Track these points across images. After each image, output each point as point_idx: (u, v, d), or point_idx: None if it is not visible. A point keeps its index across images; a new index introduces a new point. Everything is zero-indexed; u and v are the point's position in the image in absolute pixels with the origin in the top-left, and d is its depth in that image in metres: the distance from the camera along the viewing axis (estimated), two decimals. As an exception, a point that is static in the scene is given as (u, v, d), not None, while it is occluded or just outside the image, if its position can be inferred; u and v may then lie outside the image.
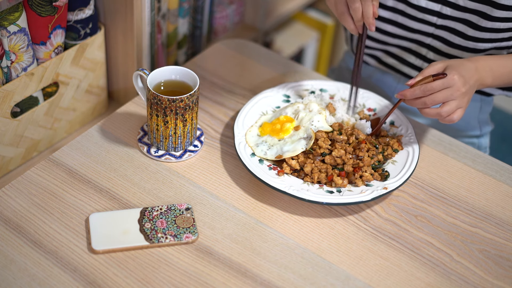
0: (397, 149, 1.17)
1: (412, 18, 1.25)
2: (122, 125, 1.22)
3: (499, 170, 1.20)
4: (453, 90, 1.07)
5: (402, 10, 1.25)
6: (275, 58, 1.42)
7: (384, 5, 1.27)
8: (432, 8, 1.22)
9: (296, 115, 1.20)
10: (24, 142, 1.23)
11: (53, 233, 1.02)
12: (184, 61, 1.58)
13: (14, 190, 1.08)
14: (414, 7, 1.23)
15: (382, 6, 1.27)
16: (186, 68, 1.15)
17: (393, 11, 1.26)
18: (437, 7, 1.21)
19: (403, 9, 1.25)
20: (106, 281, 0.96)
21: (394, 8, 1.26)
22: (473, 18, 1.19)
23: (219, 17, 1.65)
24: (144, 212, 1.05)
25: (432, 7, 1.22)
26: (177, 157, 1.16)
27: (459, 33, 1.23)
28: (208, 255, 1.01)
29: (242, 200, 1.11)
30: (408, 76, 1.36)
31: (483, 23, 1.18)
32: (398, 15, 1.26)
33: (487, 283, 1.02)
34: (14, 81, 1.15)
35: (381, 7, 1.27)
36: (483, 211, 1.13)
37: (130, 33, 1.29)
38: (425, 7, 1.22)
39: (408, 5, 1.24)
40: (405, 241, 1.07)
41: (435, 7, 1.21)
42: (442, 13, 1.22)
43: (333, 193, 1.09)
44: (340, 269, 1.02)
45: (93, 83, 1.32)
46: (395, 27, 1.28)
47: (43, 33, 1.17)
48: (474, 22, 1.20)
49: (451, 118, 1.08)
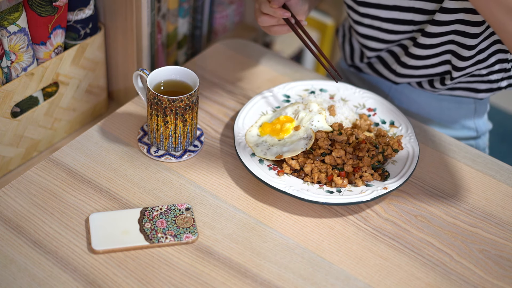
0: (397, 149, 1.17)
1: (390, 32, 1.27)
2: (122, 125, 1.22)
3: (499, 170, 1.20)
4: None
5: (378, 27, 1.27)
6: (275, 58, 1.42)
7: (362, 23, 1.29)
8: (405, 18, 1.23)
9: (296, 115, 1.20)
10: (24, 142, 1.23)
11: (53, 233, 1.02)
12: (184, 61, 1.58)
13: (14, 190, 1.08)
14: (388, 20, 1.25)
15: (360, 24, 1.29)
16: (186, 68, 1.15)
17: (372, 28, 1.28)
18: (409, 16, 1.23)
19: (379, 25, 1.27)
20: (106, 281, 0.96)
21: (371, 25, 1.28)
22: None
23: (219, 17, 1.65)
24: (144, 212, 1.05)
25: (405, 17, 1.23)
26: (177, 157, 1.16)
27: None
28: (208, 255, 1.01)
29: (242, 200, 1.11)
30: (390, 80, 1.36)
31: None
32: (377, 31, 1.28)
33: (487, 283, 1.02)
34: (14, 81, 1.15)
35: (360, 24, 1.29)
36: (483, 211, 1.13)
37: (130, 33, 1.29)
38: (398, 18, 1.24)
39: (383, 21, 1.26)
40: (405, 241, 1.07)
41: (407, 16, 1.23)
42: (415, 21, 1.23)
43: (333, 193, 1.09)
44: (340, 269, 1.02)
45: (93, 83, 1.32)
46: (378, 43, 1.31)
47: (43, 33, 1.17)
48: None
49: None
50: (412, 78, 1.32)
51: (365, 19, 1.28)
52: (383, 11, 1.24)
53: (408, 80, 1.33)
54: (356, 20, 1.30)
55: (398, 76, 1.33)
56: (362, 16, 1.28)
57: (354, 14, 1.29)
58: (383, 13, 1.25)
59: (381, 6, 1.24)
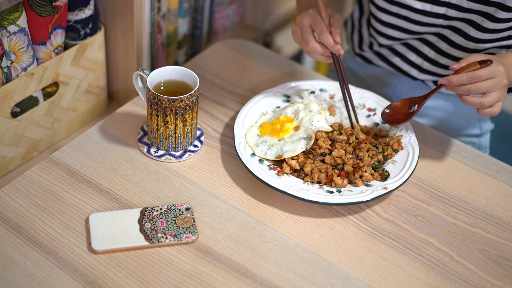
0: (397, 149, 1.17)
1: (417, 23, 1.25)
2: (122, 125, 1.22)
3: (499, 170, 1.20)
4: (497, 81, 1.06)
5: (406, 16, 1.25)
6: (275, 58, 1.42)
7: (388, 11, 1.26)
8: (437, 12, 1.21)
9: (296, 115, 1.20)
10: (24, 142, 1.23)
11: (53, 233, 1.02)
12: (184, 61, 1.58)
13: (14, 190, 1.08)
14: (419, 12, 1.23)
15: (386, 11, 1.26)
16: (186, 68, 1.15)
17: (398, 17, 1.26)
18: (442, 10, 1.21)
19: (407, 15, 1.24)
20: (106, 281, 0.96)
21: (398, 14, 1.25)
22: (477, 18, 1.19)
23: (219, 17, 1.65)
24: (144, 212, 1.05)
25: (437, 11, 1.21)
26: (177, 157, 1.16)
27: (463, 33, 1.22)
28: (208, 255, 1.01)
29: (242, 200, 1.11)
30: (407, 74, 1.36)
31: (486, 23, 1.18)
32: (403, 20, 1.26)
33: (487, 283, 1.02)
34: (14, 81, 1.15)
35: (385, 12, 1.27)
36: (483, 211, 1.13)
37: (130, 33, 1.29)
38: (429, 11, 1.22)
39: (413, 11, 1.23)
40: (405, 241, 1.07)
41: (440, 10, 1.21)
42: (447, 15, 1.21)
43: (333, 193, 1.09)
44: (340, 269, 1.02)
45: (93, 83, 1.32)
46: (400, 32, 1.28)
47: (43, 33, 1.17)
48: (478, 22, 1.19)
49: (493, 110, 1.07)
50: (437, 77, 1.31)
51: (394, 7, 1.24)
52: (417, 2, 1.21)
53: (432, 78, 1.32)
54: (382, 7, 1.26)
55: (423, 73, 1.31)
56: (391, 4, 1.24)
57: (381, 1, 1.26)
58: (416, 3, 1.21)
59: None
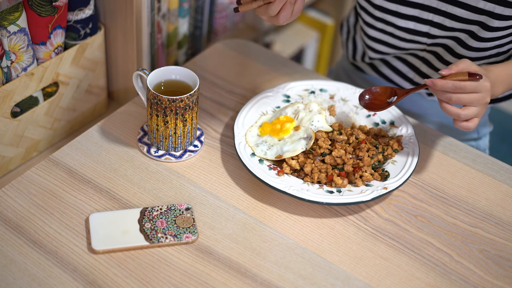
0: (397, 149, 1.17)
1: (403, 40, 1.26)
2: (122, 125, 1.22)
3: (499, 170, 1.20)
4: (480, 96, 1.03)
5: (391, 33, 1.26)
6: (275, 58, 1.42)
7: (374, 27, 1.27)
8: (420, 30, 1.22)
9: (296, 115, 1.20)
10: (24, 142, 1.23)
11: (53, 233, 1.02)
12: (184, 61, 1.58)
13: (14, 190, 1.08)
14: (402, 29, 1.24)
15: (372, 27, 1.28)
16: (186, 68, 1.15)
17: (384, 33, 1.27)
18: (425, 28, 1.21)
19: (392, 31, 1.25)
20: (106, 281, 0.96)
21: (384, 30, 1.26)
22: (463, 36, 1.19)
23: (219, 17, 1.65)
24: (144, 212, 1.05)
25: (421, 29, 1.22)
26: (177, 157, 1.16)
27: (451, 50, 1.23)
28: (208, 255, 1.01)
29: (242, 200, 1.11)
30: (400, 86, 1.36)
31: (471, 42, 1.19)
32: (389, 36, 1.27)
33: (487, 283, 1.02)
34: (14, 81, 1.15)
35: (371, 27, 1.28)
36: (483, 211, 1.13)
37: (130, 33, 1.29)
38: (413, 29, 1.22)
39: (397, 28, 1.24)
40: (405, 241, 1.07)
41: (423, 28, 1.22)
42: (430, 34, 1.22)
43: (333, 193, 1.09)
44: (340, 269, 1.02)
45: (93, 83, 1.32)
46: (387, 47, 1.30)
47: (43, 33, 1.17)
48: (464, 40, 1.20)
49: (468, 125, 1.04)
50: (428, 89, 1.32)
51: (379, 23, 1.25)
52: (400, 20, 1.22)
53: (426, 91, 1.33)
54: (368, 23, 1.28)
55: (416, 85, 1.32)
56: (376, 20, 1.25)
57: (367, 17, 1.27)
58: (399, 21, 1.22)
59: (399, 14, 1.21)
